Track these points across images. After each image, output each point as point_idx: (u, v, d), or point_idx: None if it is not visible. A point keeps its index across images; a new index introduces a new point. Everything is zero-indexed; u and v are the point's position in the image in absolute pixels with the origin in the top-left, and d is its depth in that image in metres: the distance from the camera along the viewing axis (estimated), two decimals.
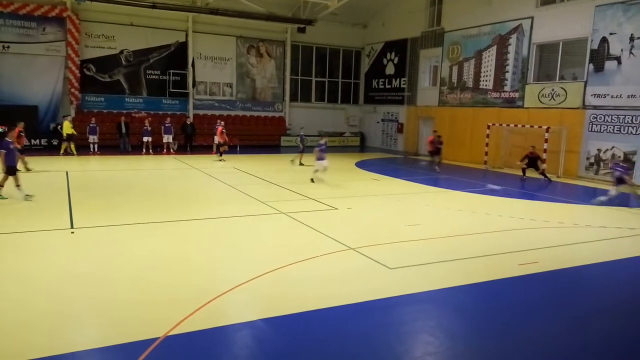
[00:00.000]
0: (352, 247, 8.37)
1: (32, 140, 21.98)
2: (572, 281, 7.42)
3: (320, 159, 15.22)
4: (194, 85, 26.83)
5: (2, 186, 11.37)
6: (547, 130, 18.55)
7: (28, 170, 15.10)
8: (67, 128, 20.81)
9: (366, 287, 6.67)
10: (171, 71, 26.33)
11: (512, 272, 7.48)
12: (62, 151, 20.71)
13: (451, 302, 6.40)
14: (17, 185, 11.31)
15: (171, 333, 5.09)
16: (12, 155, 11.44)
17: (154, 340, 4.91)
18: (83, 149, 21.36)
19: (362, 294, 6.35)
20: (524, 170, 17.84)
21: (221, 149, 20.83)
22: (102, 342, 4.93)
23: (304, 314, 5.75)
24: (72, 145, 20.88)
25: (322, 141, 16.07)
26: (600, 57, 17.76)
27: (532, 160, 17.62)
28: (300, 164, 19.23)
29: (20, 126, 15.03)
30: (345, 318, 5.71)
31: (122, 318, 5.51)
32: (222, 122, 21.82)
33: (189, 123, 24.43)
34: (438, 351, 5.12)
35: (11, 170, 11.38)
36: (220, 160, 20.47)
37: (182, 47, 26.48)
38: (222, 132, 20.71)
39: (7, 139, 11.61)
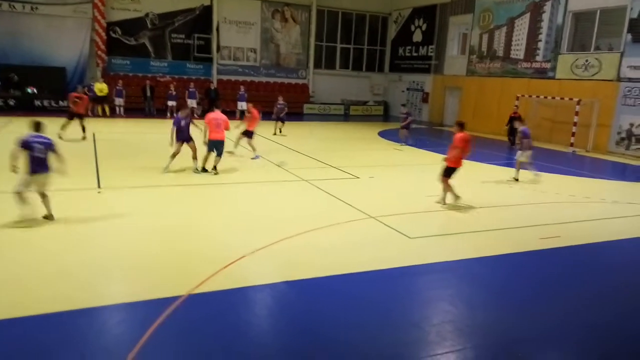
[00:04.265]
0: (373, 215, 8.39)
1: (60, 102, 22.38)
2: (594, 256, 7.33)
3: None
4: (218, 49, 26.69)
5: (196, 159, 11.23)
6: (579, 102, 17.99)
7: (60, 137, 14.98)
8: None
9: (386, 255, 6.71)
10: (196, 35, 26.21)
11: (533, 246, 7.42)
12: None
13: (470, 272, 6.41)
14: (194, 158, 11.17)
15: (194, 292, 5.25)
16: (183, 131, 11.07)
17: (177, 297, 5.08)
18: (110, 112, 21.74)
19: (381, 262, 6.41)
20: (511, 140, 17.60)
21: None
22: (129, 297, 5.13)
23: (323, 279, 5.84)
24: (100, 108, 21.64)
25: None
26: (639, 26, 16.94)
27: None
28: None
29: (79, 91, 15.46)
30: (364, 284, 5.78)
31: (147, 276, 5.70)
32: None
33: (212, 88, 24.44)
34: (456, 319, 5.16)
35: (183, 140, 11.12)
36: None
37: (207, 11, 26.22)
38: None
39: (179, 114, 11.33)
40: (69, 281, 5.42)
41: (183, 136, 11.13)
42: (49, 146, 7.20)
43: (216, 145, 11.08)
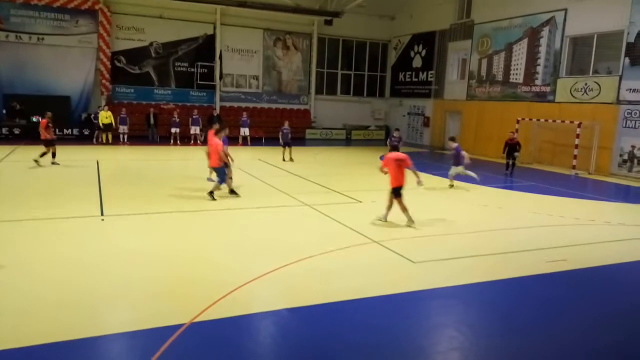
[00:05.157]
0: (376, 240, 8.35)
1: (65, 130, 22.62)
2: (601, 280, 7.24)
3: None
4: (221, 77, 27.05)
5: (231, 178, 11.79)
6: (579, 125, 18.07)
7: (54, 163, 14.92)
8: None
9: (389, 280, 6.65)
10: (199, 63, 26.59)
11: (539, 269, 7.34)
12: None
13: (476, 297, 6.33)
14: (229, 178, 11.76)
15: (196, 320, 5.19)
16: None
17: (179, 326, 5.01)
18: (113, 139, 21.96)
19: (385, 287, 6.34)
20: (507, 164, 17.47)
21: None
22: (130, 326, 5.07)
23: (327, 305, 5.77)
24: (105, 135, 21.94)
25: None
26: (636, 50, 17.14)
27: (511, 148, 17.18)
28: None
29: (47, 117, 15.14)
30: (368, 310, 5.71)
31: (149, 303, 5.65)
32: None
33: (215, 115, 24.66)
34: (462, 346, 5.07)
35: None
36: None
37: (210, 40, 26.69)
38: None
39: (222, 134, 11.68)
40: (70, 310, 5.36)
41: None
42: None
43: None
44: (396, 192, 9.40)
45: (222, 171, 11.20)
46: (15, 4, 22.42)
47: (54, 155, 14.95)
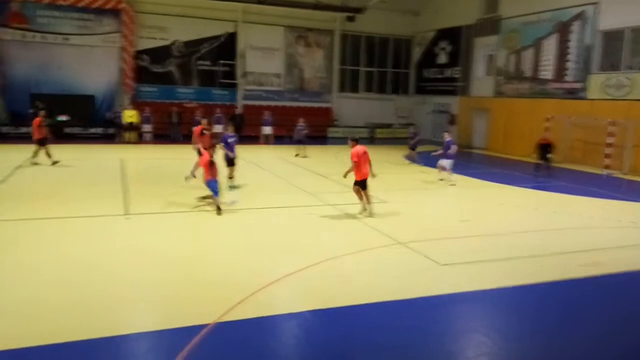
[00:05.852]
0: (401, 241, 8.10)
1: (89, 129, 22.91)
2: (629, 284, 6.87)
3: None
4: (243, 75, 27.04)
5: (232, 177, 12.33)
6: (612, 123, 17.40)
7: (54, 163, 14.58)
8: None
9: (415, 283, 6.44)
10: (221, 62, 26.65)
11: (570, 274, 7.01)
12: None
13: (505, 302, 6.07)
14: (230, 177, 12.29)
15: (222, 320, 5.07)
16: (231, 148, 12.11)
17: (204, 326, 4.91)
18: (137, 138, 22.16)
19: (410, 290, 6.13)
20: (538, 165, 16.82)
21: None
22: (156, 325, 5.02)
23: (352, 307, 5.59)
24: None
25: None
26: None
27: (544, 148, 16.59)
28: None
29: (41, 115, 14.84)
30: (395, 314, 5.51)
31: (173, 303, 5.57)
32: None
33: (237, 114, 24.65)
34: (491, 352, 4.84)
35: (231, 162, 12.25)
36: None
37: (232, 38, 26.71)
38: None
39: (226, 132, 12.21)
40: (93, 309, 5.31)
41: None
42: None
43: None
44: (363, 184, 9.84)
45: (211, 184, 10.05)
46: (41, 4, 22.79)
47: (49, 155, 14.59)
